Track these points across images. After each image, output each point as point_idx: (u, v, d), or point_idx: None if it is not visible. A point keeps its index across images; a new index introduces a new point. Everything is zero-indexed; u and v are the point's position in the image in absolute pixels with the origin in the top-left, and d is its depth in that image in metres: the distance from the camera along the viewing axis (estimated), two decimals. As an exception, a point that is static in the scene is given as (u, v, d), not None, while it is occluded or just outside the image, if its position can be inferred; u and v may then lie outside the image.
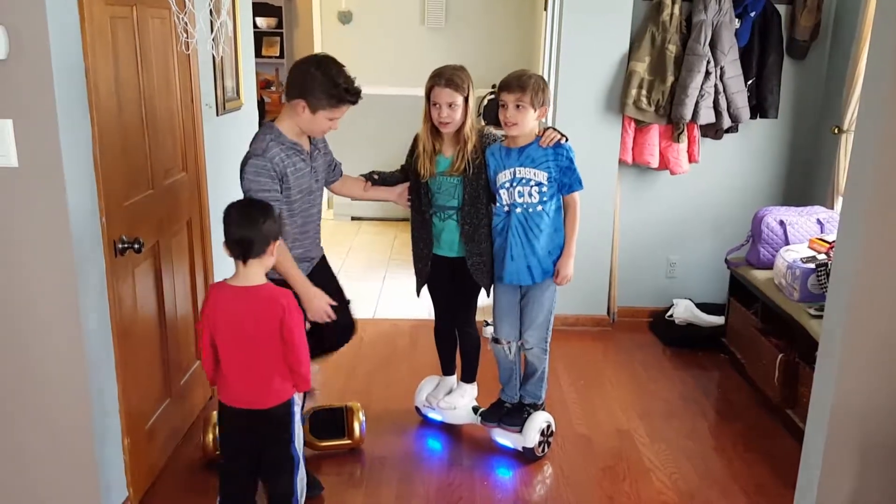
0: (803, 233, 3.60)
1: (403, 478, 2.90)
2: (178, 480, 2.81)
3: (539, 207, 2.80)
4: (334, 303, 2.57)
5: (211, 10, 2.86)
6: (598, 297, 4.36)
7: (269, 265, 2.23)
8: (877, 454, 2.39)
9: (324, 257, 2.86)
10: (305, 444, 2.68)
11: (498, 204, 2.87)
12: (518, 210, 2.81)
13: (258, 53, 7.32)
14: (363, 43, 6.09)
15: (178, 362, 2.99)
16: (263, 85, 7.80)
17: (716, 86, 3.84)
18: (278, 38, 8.21)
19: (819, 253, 3.30)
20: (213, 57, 3.26)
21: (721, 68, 3.82)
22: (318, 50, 6.22)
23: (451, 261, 2.96)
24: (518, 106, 2.71)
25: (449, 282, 3.01)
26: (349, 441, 3.01)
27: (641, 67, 3.91)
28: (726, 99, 3.87)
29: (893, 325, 2.29)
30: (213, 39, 2.93)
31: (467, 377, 3.22)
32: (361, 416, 3.03)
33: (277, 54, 8.23)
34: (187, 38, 2.73)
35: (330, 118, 2.48)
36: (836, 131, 3.81)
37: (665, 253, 4.42)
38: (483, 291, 3.03)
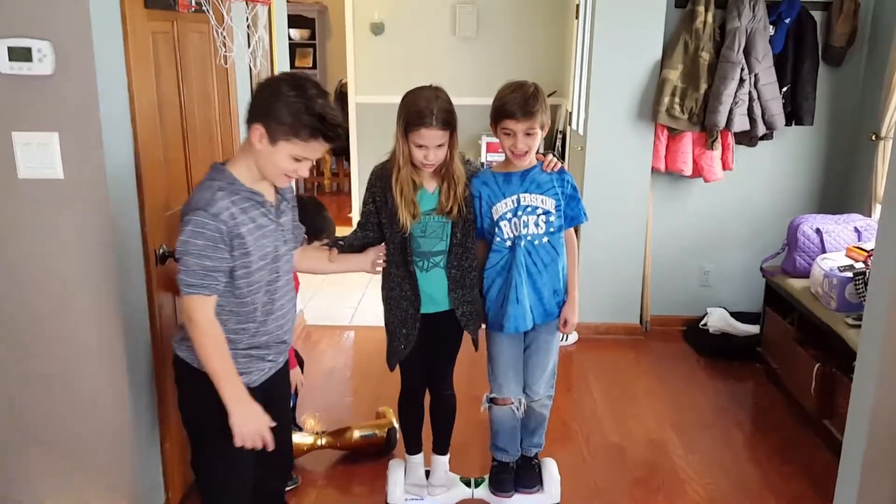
0: (840, 241, 3.55)
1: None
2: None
3: (545, 240, 2.45)
4: (273, 424, 1.93)
5: (249, 24, 2.92)
6: (631, 305, 4.34)
7: None
8: (918, 467, 2.35)
9: (284, 371, 2.17)
10: None
11: (498, 239, 2.45)
12: (523, 244, 2.44)
13: (291, 65, 7.45)
14: (395, 54, 6.13)
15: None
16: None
17: (750, 93, 3.81)
18: (311, 50, 8.34)
19: (857, 262, 3.26)
20: (251, 70, 3.32)
21: (755, 75, 3.79)
22: (350, 62, 6.28)
23: (430, 318, 2.47)
24: (528, 133, 2.35)
25: (427, 346, 2.51)
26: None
27: (674, 75, 3.89)
28: (761, 106, 3.84)
29: (934, 335, 2.25)
30: (250, 53, 2.99)
31: (445, 447, 2.74)
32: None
33: (310, 65, 8.37)
34: (226, 51, 2.79)
35: (296, 157, 1.81)
36: (873, 138, 3.76)
37: (699, 261, 4.38)
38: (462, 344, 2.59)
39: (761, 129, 3.89)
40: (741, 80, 3.77)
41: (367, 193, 2.44)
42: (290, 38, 6.96)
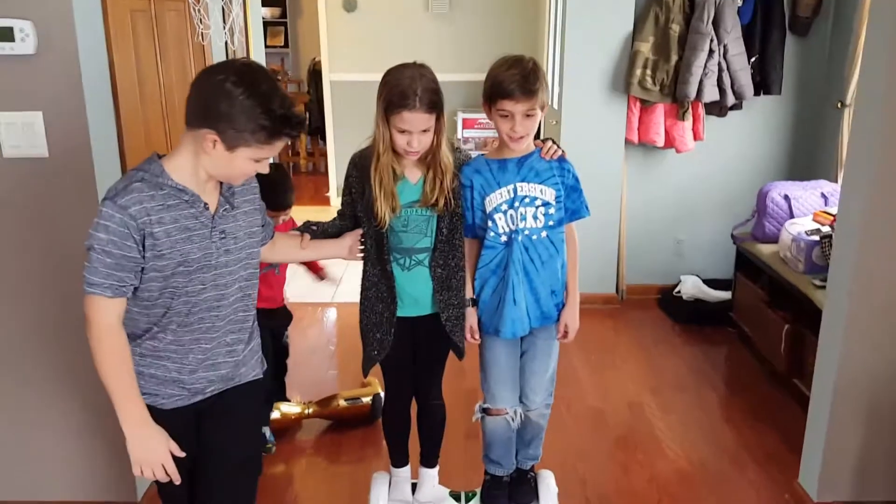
0: (808, 207, 3.66)
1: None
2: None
3: (543, 234, 2.20)
4: (181, 454, 1.68)
5: (224, 2, 2.93)
6: (607, 275, 4.44)
7: None
8: (881, 415, 2.48)
9: (253, 384, 1.88)
10: None
11: (492, 234, 2.20)
12: (520, 238, 2.19)
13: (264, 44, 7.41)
14: (369, 31, 6.13)
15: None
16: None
17: (719, 64, 3.89)
18: (283, 28, 8.29)
19: (823, 225, 3.37)
20: (227, 46, 3.34)
21: (724, 46, 3.87)
22: (323, 40, 6.26)
23: (415, 321, 2.25)
24: (528, 115, 2.10)
25: (410, 349, 2.30)
26: None
27: (645, 47, 3.96)
28: (730, 76, 3.93)
29: (894, 291, 2.37)
30: (227, 30, 3.00)
31: (433, 460, 2.54)
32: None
33: (282, 44, 8.32)
34: (203, 28, 2.81)
35: (256, 159, 1.62)
36: (839, 106, 3.87)
37: (672, 230, 4.48)
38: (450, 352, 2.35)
39: (731, 100, 3.98)
40: (710, 51, 3.85)
41: (345, 184, 2.22)
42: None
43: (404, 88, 1.99)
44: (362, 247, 2.19)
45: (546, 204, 2.18)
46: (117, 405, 1.61)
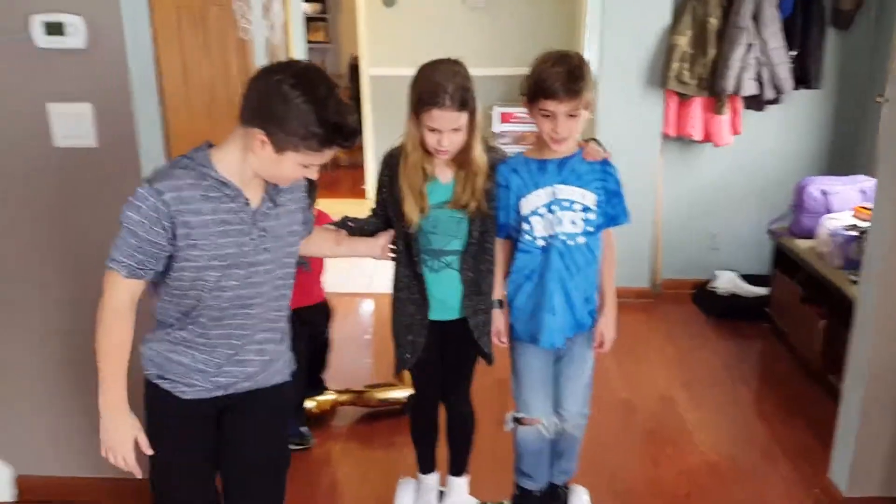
0: (846, 202, 3.62)
1: None
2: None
3: (581, 240, 2.09)
4: (146, 450, 1.69)
5: (265, -2, 3.02)
6: (641, 269, 4.43)
7: None
8: (913, 411, 2.45)
9: (280, 387, 1.85)
10: None
11: (528, 238, 2.12)
12: (557, 244, 2.09)
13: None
14: (407, 25, 6.19)
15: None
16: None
17: (758, 58, 3.86)
18: (324, 24, 8.40)
19: (863, 221, 3.33)
20: (267, 41, 3.42)
21: (763, 40, 3.83)
22: (362, 34, 6.33)
23: (443, 325, 2.19)
24: (572, 115, 1.98)
25: (439, 352, 2.24)
26: None
27: (683, 41, 3.95)
28: (769, 70, 3.89)
29: (929, 285, 2.34)
30: (269, 26, 3.08)
31: (461, 468, 2.47)
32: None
33: (323, 39, 8.43)
34: (245, 24, 2.89)
35: (304, 164, 1.59)
36: (880, 100, 3.81)
37: (709, 225, 4.45)
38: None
39: (770, 94, 3.94)
40: (749, 45, 3.82)
41: (378, 183, 2.18)
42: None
43: (435, 85, 1.92)
44: (394, 247, 2.15)
45: (586, 209, 2.08)
46: (101, 383, 1.62)
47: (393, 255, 2.16)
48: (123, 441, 1.64)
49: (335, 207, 2.21)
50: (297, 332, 2.88)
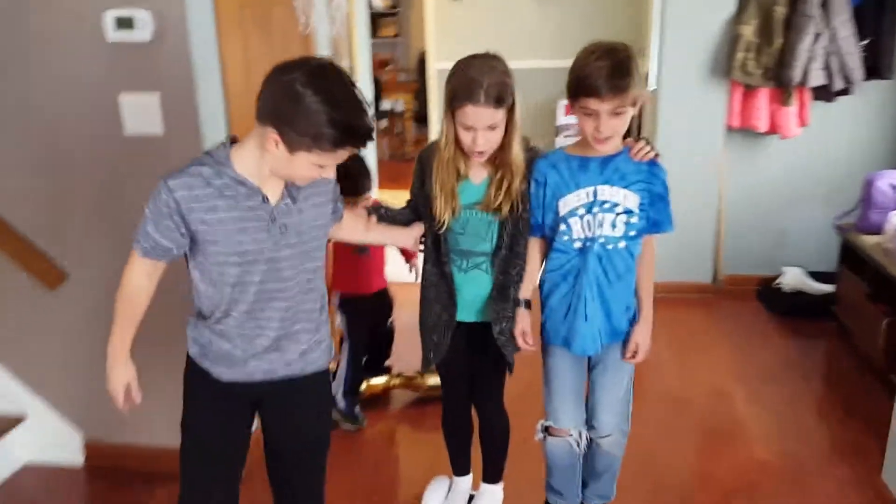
0: (918, 197, 3.48)
1: None
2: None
3: (621, 244, 1.98)
4: (137, 399, 1.83)
5: (327, -7, 3.11)
6: (702, 263, 4.36)
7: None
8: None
9: (318, 375, 1.87)
10: None
11: (565, 238, 2.00)
12: (595, 248, 1.98)
13: (374, 34, 7.69)
14: (474, 19, 6.25)
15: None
16: (380, 65, 8.15)
17: (826, 47, 3.75)
18: (395, 19, 8.54)
19: (934, 216, 3.21)
20: (330, 34, 3.54)
21: (833, 29, 3.72)
22: (430, 28, 6.42)
23: (469, 327, 2.13)
24: (616, 114, 1.84)
25: (466, 355, 2.18)
26: None
27: (748, 30, 3.87)
28: (838, 60, 3.77)
29: None
30: (331, 19, 3.18)
31: (494, 475, 2.41)
32: None
33: (394, 34, 8.57)
34: (306, 19, 3.00)
35: (319, 164, 1.58)
36: (959, 91, 3.65)
37: (775, 219, 4.34)
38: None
39: (839, 84, 3.82)
40: (817, 35, 3.71)
41: (413, 178, 2.13)
42: (372, 8, 7.19)
43: (469, 80, 1.84)
44: (423, 242, 2.13)
45: (628, 211, 1.95)
46: (110, 340, 1.78)
47: (422, 248, 2.14)
48: (116, 384, 1.79)
49: (400, 199, 2.22)
50: (356, 320, 3.00)
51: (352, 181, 2.75)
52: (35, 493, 2.68)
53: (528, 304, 2.10)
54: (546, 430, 2.16)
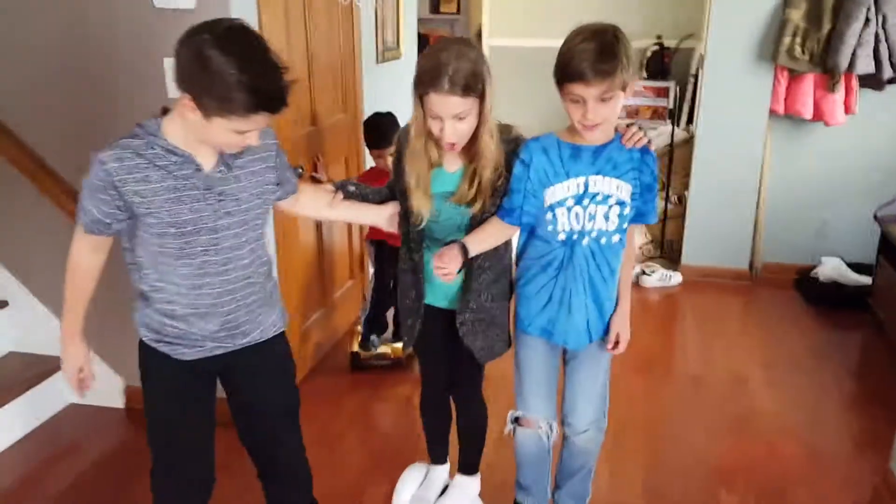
0: (963, 190, 3.40)
1: None
2: (327, 380, 3.24)
3: (615, 238, 1.88)
4: (88, 384, 1.82)
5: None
6: (740, 249, 4.33)
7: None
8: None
9: (276, 338, 1.86)
10: None
11: (549, 228, 1.88)
12: (585, 241, 1.87)
13: (436, 10, 7.74)
14: (532, -2, 6.24)
15: (333, 277, 3.45)
16: (435, 41, 8.21)
17: (876, 34, 3.66)
18: (458, -6, 8.55)
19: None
20: (376, 12, 3.63)
21: (883, 15, 3.63)
22: (486, 4, 6.44)
23: (446, 313, 2.06)
24: (603, 100, 1.72)
25: (444, 339, 2.09)
26: None
27: (797, 15, 3.81)
28: (888, 48, 3.68)
29: None
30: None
31: (469, 467, 2.34)
32: None
33: (455, 10, 8.59)
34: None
35: (237, 130, 1.52)
36: None
37: (817, 208, 4.28)
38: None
39: (888, 73, 3.73)
40: (867, 20, 3.63)
41: (395, 160, 2.03)
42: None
43: (437, 65, 1.73)
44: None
45: (621, 203, 1.84)
46: (62, 321, 1.77)
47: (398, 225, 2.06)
48: (68, 365, 1.79)
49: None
50: (383, 261, 3.10)
51: (380, 134, 2.86)
52: (77, 431, 2.89)
53: (463, 249, 1.88)
54: (516, 420, 2.08)
